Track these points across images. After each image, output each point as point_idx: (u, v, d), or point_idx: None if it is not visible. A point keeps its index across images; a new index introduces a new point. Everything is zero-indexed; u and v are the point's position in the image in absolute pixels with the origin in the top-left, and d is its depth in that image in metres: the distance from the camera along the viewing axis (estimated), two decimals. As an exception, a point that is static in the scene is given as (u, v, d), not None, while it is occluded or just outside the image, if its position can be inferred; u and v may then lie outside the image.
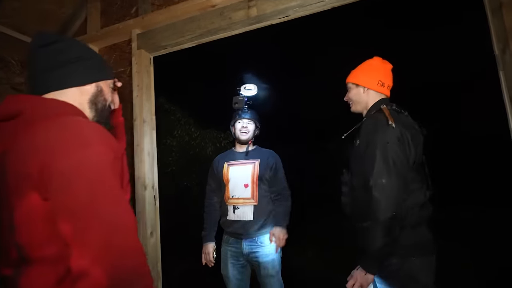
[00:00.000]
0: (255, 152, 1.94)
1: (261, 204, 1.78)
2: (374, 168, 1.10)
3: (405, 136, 1.17)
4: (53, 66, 0.78)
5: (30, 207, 0.62)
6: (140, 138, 2.16)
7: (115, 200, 0.65)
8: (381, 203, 1.06)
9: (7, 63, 2.28)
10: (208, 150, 5.35)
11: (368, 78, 1.37)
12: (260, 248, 1.74)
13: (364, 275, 1.09)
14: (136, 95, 2.19)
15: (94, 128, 0.70)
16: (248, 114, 1.91)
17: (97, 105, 0.87)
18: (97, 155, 0.65)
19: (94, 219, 0.60)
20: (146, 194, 2.11)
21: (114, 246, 0.60)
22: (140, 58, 2.22)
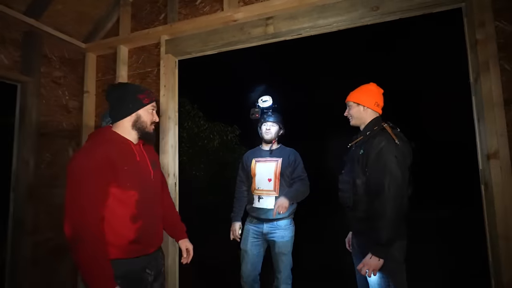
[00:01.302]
0: (279, 151, 2.24)
1: (281, 196, 2.05)
2: (387, 177, 1.37)
3: (405, 150, 1.49)
4: (111, 109, 1.34)
5: None
6: (165, 132, 2.47)
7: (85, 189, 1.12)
8: (394, 204, 1.35)
9: (49, 59, 2.57)
10: (215, 142, 5.65)
11: (367, 99, 1.65)
12: (277, 230, 2.06)
13: (378, 261, 1.36)
14: (163, 94, 2.49)
15: (90, 147, 1.21)
16: (272, 117, 2.21)
17: (137, 127, 1.32)
18: (80, 162, 1.16)
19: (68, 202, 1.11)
20: (169, 181, 2.43)
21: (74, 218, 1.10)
22: (167, 61, 2.51)
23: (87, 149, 1.21)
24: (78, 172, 1.13)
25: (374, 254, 1.38)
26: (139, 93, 1.32)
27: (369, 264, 1.37)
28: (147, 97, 1.34)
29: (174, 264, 2.44)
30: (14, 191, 2.27)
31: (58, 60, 2.65)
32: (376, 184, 1.42)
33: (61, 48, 2.66)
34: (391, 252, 1.42)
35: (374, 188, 1.43)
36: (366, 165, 1.49)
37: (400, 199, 1.38)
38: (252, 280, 2.12)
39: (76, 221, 1.08)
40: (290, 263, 2.09)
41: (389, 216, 1.35)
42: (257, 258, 2.14)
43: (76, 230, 1.08)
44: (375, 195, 1.41)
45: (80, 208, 1.09)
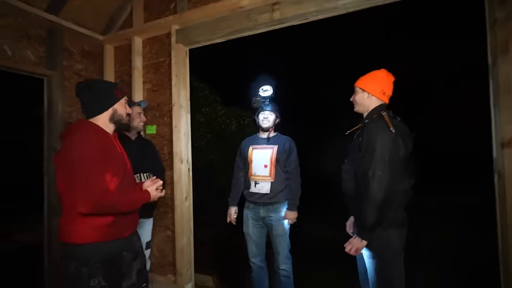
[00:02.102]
0: (275, 139, 2.29)
1: (276, 181, 2.17)
2: (372, 163, 1.41)
3: (398, 139, 1.47)
4: (86, 106, 1.42)
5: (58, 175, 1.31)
6: (177, 120, 2.58)
7: (91, 172, 1.23)
8: (376, 189, 1.39)
9: (70, 52, 2.73)
10: (232, 127, 5.75)
11: (373, 86, 1.61)
12: (273, 213, 2.16)
13: (360, 242, 1.43)
14: (175, 83, 2.58)
15: (87, 136, 1.29)
16: (269, 106, 2.24)
17: (115, 120, 1.44)
18: (83, 148, 1.25)
19: (78, 182, 1.22)
20: (182, 167, 2.57)
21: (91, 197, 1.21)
22: (178, 51, 2.57)
23: (83, 138, 1.28)
24: (82, 158, 1.23)
25: (358, 235, 1.45)
26: (112, 89, 1.44)
27: (352, 243, 1.45)
28: (120, 92, 1.46)
29: (189, 243, 2.62)
30: (47, 175, 2.53)
31: (79, 53, 2.81)
32: (363, 170, 1.44)
33: (80, 42, 2.81)
34: (388, 240, 1.44)
35: (361, 172, 1.46)
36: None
37: (384, 185, 1.39)
38: (260, 261, 2.24)
39: (93, 199, 1.20)
40: (288, 244, 2.17)
41: (371, 200, 1.38)
42: (260, 240, 2.24)
43: (98, 205, 1.22)
44: (362, 180, 1.44)
45: (92, 186, 1.22)
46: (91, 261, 1.25)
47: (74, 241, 1.25)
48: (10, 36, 2.28)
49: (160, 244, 2.73)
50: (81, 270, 1.24)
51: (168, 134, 2.69)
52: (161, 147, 2.73)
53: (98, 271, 1.25)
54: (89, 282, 1.23)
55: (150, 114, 2.80)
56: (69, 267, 1.25)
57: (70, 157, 1.24)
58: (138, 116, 2.15)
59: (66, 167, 1.26)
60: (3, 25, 2.24)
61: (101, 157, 1.28)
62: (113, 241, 1.33)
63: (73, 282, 1.25)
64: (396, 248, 1.48)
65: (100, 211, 1.25)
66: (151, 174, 2.18)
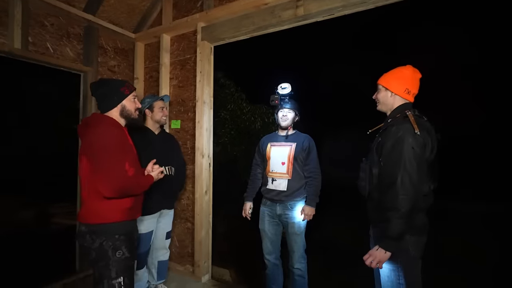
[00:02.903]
0: (294, 136, 2.27)
1: (294, 179, 2.14)
2: (400, 168, 1.31)
3: (426, 141, 1.37)
4: (99, 102, 1.58)
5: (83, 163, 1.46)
6: (200, 116, 2.64)
7: (111, 161, 1.40)
8: (405, 197, 1.30)
9: (104, 50, 2.91)
10: (257, 124, 5.76)
11: (397, 84, 1.52)
12: (289, 211, 2.14)
13: (384, 254, 1.33)
14: (199, 80, 2.65)
15: (109, 129, 1.46)
16: (289, 104, 2.22)
17: (124, 115, 1.60)
18: (107, 140, 1.42)
19: (104, 170, 1.38)
20: (203, 161, 2.64)
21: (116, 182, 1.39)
22: (203, 48, 2.64)
23: (106, 131, 1.44)
24: (107, 148, 1.40)
25: (381, 246, 1.35)
26: (120, 86, 1.58)
27: (375, 255, 1.35)
28: (127, 89, 1.60)
29: (208, 236, 2.69)
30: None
31: (113, 50, 2.98)
32: (389, 175, 1.36)
33: (114, 39, 2.98)
34: (405, 247, 1.36)
35: (387, 180, 1.37)
36: (381, 154, 1.42)
37: (413, 193, 1.30)
38: (274, 258, 2.24)
39: (117, 184, 1.39)
40: (304, 243, 2.14)
41: (400, 210, 1.30)
42: (275, 237, 2.24)
43: (121, 190, 1.41)
44: (387, 187, 1.35)
45: (116, 173, 1.40)
46: (116, 236, 1.45)
47: (102, 221, 1.44)
48: (53, 34, 2.49)
49: (181, 235, 2.83)
50: (107, 244, 1.43)
51: (192, 129, 2.77)
52: (185, 141, 2.82)
53: (122, 244, 1.46)
54: (115, 254, 1.44)
55: (175, 110, 2.90)
56: (94, 243, 1.42)
57: (96, 147, 1.39)
58: (161, 111, 2.23)
59: (92, 156, 1.41)
60: (47, 25, 2.45)
61: (122, 148, 1.47)
62: (132, 220, 1.58)
63: (100, 255, 1.42)
64: (414, 256, 1.40)
65: (121, 195, 1.43)
66: (172, 168, 2.26)
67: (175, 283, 2.57)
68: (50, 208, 5.26)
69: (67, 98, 3.61)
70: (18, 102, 6.79)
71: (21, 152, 6.57)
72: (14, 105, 6.74)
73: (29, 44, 2.32)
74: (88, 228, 1.44)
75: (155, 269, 2.31)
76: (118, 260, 1.44)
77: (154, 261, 2.31)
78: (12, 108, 6.69)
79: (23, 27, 2.26)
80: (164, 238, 2.33)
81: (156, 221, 2.22)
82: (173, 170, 2.27)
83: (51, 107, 6.45)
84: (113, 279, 1.42)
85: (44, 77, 5.15)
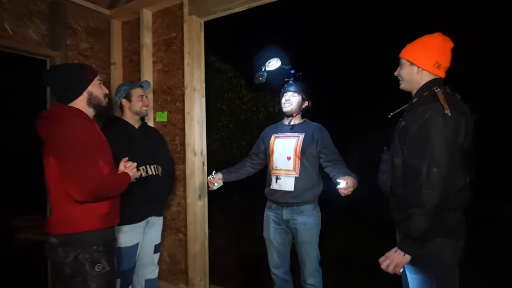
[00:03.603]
0: (302, 126, 2.17)
1: (302, 177, 2.04)
2: (427, 157, 1.25)
3: (459, 124, 1.27)
4: (58, 94, 1.54)
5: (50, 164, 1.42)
6: (190, 105, 2.58)
7: (86, 159, 1.39)
8: (432, 191, 1.23)
9: (74, 30, 2.84)
10: (260, 115, 5.66)
11: (424, 57, 1.42)
12: (299, 216, 2.03)
13: (403, 256, 1.28)
14: (187, 62, 2.57)
15: (78, 122, 1.44)
16: (293, 86, 2.12)
17: (93, 103, 1.56)
18: (77, 135, 1.40)
19: (75, 169, 1.36)
20: (196, 160, 2.57)
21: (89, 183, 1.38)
22: (191, 24, 2.54)
23: (76, 125, 1.42)
24: (78, 145, 1.38)
25: (400, 248, 1.29)
26: (81, 70, 1.53)
27: (392, 258, 1.30)
28: (91, 72, 1.56)
29: (204, 249, 2.63)
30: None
31: (84, 31, 2.90)
32: (412, 165, 1.29)
33: (85, 17, 2.90)
34: (439, 253, 1.30)
35: (410, 171, 1.31)
36: (405, 141, 1.35)
37: (441, 186, 1.23)
38: (283, 272, 2.14)
39: (90, 185, 1.37)
40: (317, 254, 2.04)
41: (424, 206, 1.23)
42: (283, 247, 2.13)
43: (95, 192, 1.39)
44: (411, 178, 1.29)
45: (89, 172, 1.38)
46: (94, 247, 1.43)
47: (76, 230, 1.42)
48: (11, 13, 2.43)
49: (171, 249, 2.79)
50: (83, 257, 1.40)
51: (181, 122, 2.71)
52: (173, 137, 2.76)
53: (101, 256, 1.44)
54: (94, 267, 1.41)
55: (161, 99, 2.84)
56: (67, 257, 1.39)
57: (64, 144, 1.38)
58: (140, 100, 2.15)
59: (60, 155, 1.39)
60: (4, 1, 2.39)
61: (94, 143, 1.45)
62: (110, 228, 1.56)
63: (75, 271, 1.40)
64: (450, 264, 1.34)
65: (95, 198, 1.41)
66: (159, 167, 2.22)
67: (167, 305, 2.54)
68: (16, 222, 5.29)
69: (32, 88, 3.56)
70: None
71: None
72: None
73: (-18, 25, 2.27)
74: (60, 239, 1.41)
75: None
76: (98, 275, 1.42)
77: (140, 279, 2.27)
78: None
79: (-27, 4, 2.21)
80: (152, 252, 2.29)
81: (143, 231, 2.17)
82: (159, 169, 2.22)
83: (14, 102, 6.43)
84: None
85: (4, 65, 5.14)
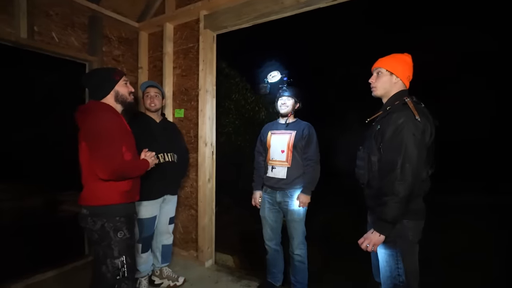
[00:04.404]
0: (294, 124, 2.27)
1: (293, 167, 2.16)
2: (401, 155, 1.32)
3: (426, 127, 1.38)
4: (91, 92, 1.62)
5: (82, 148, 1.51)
6: (203, 104, 2.67)
7: (109, 144, 1.45)
8: (404, 183, 1.32)
9: (109, 39, 2.94)
10: (261, 114, 5.77)
11: (402, 70, 1.52)
12: (289, 199, 2.17)
13: (379, 237, 1.36)
14: (202, 68, 2.66)
15: (106, 114, 1.51)
16: (287, 92, 2.23)
17: (119, 100, 1.63)
18: (104, 124, 1.47)
19: (101, 153, 1.43)
20: (206, 150, 2.68)
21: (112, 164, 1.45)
22: (205, 37, 2.64)
23: (104, 116, 1.49)
24: (105, 132, 1.45)
25: (376, 229, 1.37)
26: (110, 73, 1.62)
27: (370, 239, 1.38)
28: (117, 74, 1.63)
29: (211, 223, 2.75)
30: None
31: (117, 40, 3.01)
32: (388, 161, 1.36)
33: (118, 29, 3.01)
34: (404, 232, 1.38)
35: (386, 166, 1.38)
36: (381, 141, 1.42)
37: (412, 179, 1.32)
38: (275, 244, 2.29)
39: (112, 165, 1.44)
40: (303, 230, 2.18)
41: (397, 195, 1.31)
42: (275, 224, 2.28)
43: (116, 170, 1.46)
44: (387, 173, 1.36)
45: (112, 156, 1.46)
46: (116, 217, 1.51)
47: (102, 203, 1.50)
48: (58, 24, 2.52)
49: (185, 222, 2.91)
50: (108, 225, 1.49)
51: (195, 118, 2.81)
52: (188, 130, 2.86)
53: (122, 226, 1.52)
54: (117, 234, 1.50)
55: (179, 99, 2.93)
56: (95, 225, 1.48)
57: (94, 132, 1.45)
58: (147, 98, 2.26)
59: (90, 140, 1.47)
60: (52, 14, 2.48)
61: (119, 132, 1.52)
62: (131, 203, 1.63)
63: (102, 236, 1.48)
64: (413, 241, 1.42)
65: (117, 177, 1.49)
66: (175, 155, 2.31)
67: (179, 267, 2.66)
68: (59, 196, 5.44)
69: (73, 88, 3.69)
70: (26, 92, 6.95)
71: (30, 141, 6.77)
72: (22, 96, 6.90)
73: (35, 34, 2.36)
74: (89, 210, 1.50)
75: (159, 253, 2.39)
76: (120, 241, 1.50)
77: (158, 244, 2.39)
78: (21, 98, 6.86)
79: (28, 16, 2.29)
80: (167, 223, 2.41)
81: (159, 206, 2.29)
82: (175, 157, 2.32)
83: (58, 97, 6.59)
84: (115, 258, 1.49)
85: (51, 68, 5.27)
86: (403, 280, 1.39)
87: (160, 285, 2.37)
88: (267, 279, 2.35)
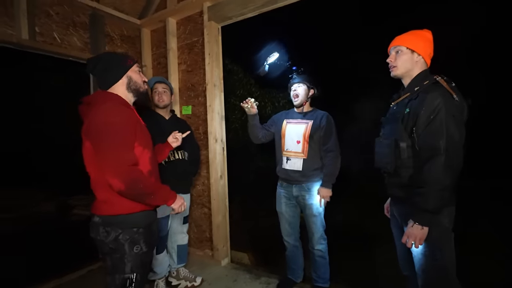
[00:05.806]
0: (311, 114, 2.16)
1: (309, 158, 2.06)
2: (444, 139, 1.20)
3: (463, 107, 1.28)
4: (100, 78, 1.34)
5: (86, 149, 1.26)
6: (211, 99, 2.59)
7: (120, 144, 1.19)
8: (450, 168, 1.20)
9: (111, 38, 2.87)
10: (268, 109, 5.69)
11: (424, 47, 1.41)
12: (306, 193, 2.07)
13: (421, 230, 1.25)
14: (208, 62, 2.58)
15: (116, 107, 1.24)
16: (297, 78, 2.12)
17: (132, 88, 1.38)
18: (113, 119, 1.20)
19: (109, 154, 1.17)
20: (217, 146, 2.60)
21: (122, 170, 1.17)
22: (210, 29, 2.55)
23: (113, 109, 1.22)
24: (113, 125, 1.19)
25: (417, 221, 1.25)
26: (120, 57, 1.36)
27: (413, 234, 1.26)
28: (129, 59, 1.38)
29: (225, 220, 2.69)
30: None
31: (119, 38, 2.93)
32: (429, 147, 1.25)
33: (120, 27, 2.93)
34: (439, 219, 1.29)
35: (427, 152, 1.26)
36: (415, 125, 1.31)
37: (456, 163, 1.22)
38: (294, 239, 2.21)
39: (125, 172, 1.16)
40: (323, 224, 2.09)
41: (442, 181, 1.20)
42: (293, 219, 2.19)
43: (130, 179, 1.17)
44: (427, 159, 1.25)
45: (123, 159, 1.18)
46: (134, 229, 1.28)
47: (118, 212, 1.26)
48: (59, 24, 2.45)
49: (198, 221, 2.84)
50: (123, 237, 1.25)
51: (203, 114, 2.73)
52: (197, 127, 2.79)
53: (140, 238, 1.29)
54: (133, 249, 1.27)
55: (185, 95, 2.86)
56: (108, 236, 1.25)
57: (99, 128, 1.18)
58: (156, 94, 2.19)
59: (95, 138, 1.20)
60: (52, 14, 2.41)
61: (132, 128, 1.25)
62: (152, 210, 1.39)
63: (114, 249, 1.25)
64: (448, 228, 1.32)
65: (130, 186, 1.17)
66: (185, 152, 2.24)
67: (195, 266, 2.60)
68: (70, 201, 5.44)
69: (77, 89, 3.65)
70: (30, 95, 6.93)
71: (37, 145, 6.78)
72: (27, 98, 6.89)
73: (37, 35, 2.29)
74: (102, 219, 1.26)
75: (175, 253, 2.33)
76: (135, 256, 1.28)
77: (173, 245, 2.33)
78: (25, 101, 6.85)
79: (29, 17, 2.22)
80: (181, 223, 2.34)
81: (172, 206, 2.22)
82: (186, 154, 2.25)
83: (62, 99, 6.59)
84: (126, 274, 1.27)
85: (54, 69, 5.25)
86: (445, 270, 1.30)
87: (178, 286, 2.32)
88: (287, 276, 2.28)
